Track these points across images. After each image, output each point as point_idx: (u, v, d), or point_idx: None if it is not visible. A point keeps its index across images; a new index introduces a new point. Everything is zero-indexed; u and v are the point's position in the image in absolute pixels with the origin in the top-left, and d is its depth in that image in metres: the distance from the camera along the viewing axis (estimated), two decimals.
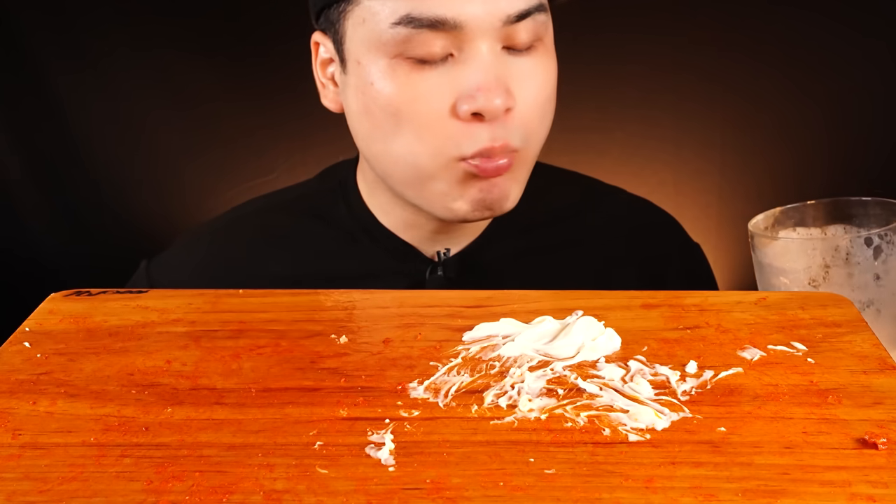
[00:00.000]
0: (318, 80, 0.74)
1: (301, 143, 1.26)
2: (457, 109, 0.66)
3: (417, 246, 0.78)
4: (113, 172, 1.30)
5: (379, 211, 0.78)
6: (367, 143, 0.71)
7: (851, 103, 1.23)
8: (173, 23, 1.23)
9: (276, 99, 1.27)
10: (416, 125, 0.67)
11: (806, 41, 1.22)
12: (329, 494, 0.39)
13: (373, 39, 0.66)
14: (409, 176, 0.70)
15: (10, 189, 1.27)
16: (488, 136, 0.66)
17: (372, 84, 0.67)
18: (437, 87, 0.66)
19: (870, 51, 1.20)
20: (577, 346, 0.51)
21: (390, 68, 0.66)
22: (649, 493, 0.39)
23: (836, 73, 1.22)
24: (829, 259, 0.62)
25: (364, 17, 0.66)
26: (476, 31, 0.64)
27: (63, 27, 1.21)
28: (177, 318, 0.56)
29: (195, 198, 1.30)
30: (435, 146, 0.67)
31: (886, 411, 0.45)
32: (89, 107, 1.26)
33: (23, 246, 1.29)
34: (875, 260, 0.61)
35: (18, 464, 0.42)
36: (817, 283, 0.62)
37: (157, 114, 1.28)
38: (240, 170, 1.29)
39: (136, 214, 1.31)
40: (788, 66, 1.22)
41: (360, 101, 0.69)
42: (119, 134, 1.28)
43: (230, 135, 1.29)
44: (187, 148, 1.30)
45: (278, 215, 0.82)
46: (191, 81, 1.27)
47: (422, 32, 0.64)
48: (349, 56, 0.68)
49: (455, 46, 0.65)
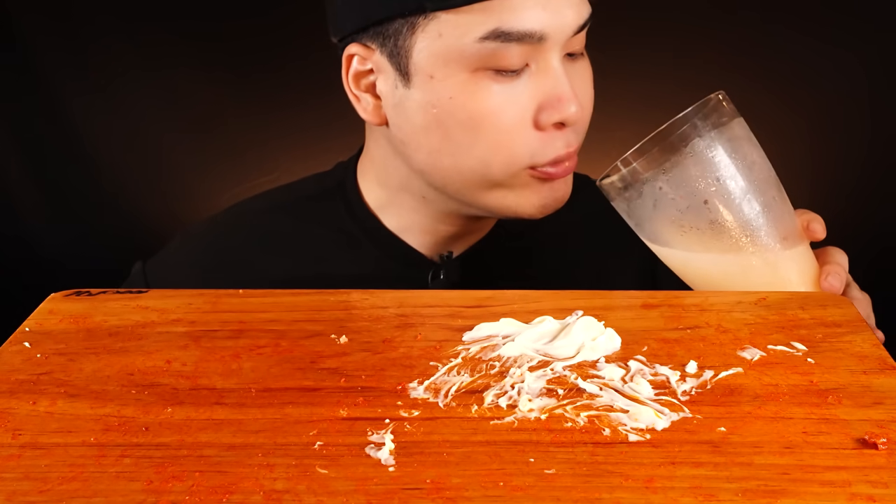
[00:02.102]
0: (351, 92, 0.72)
1: (301, 144, 1.26)
2: (539, 119, 0.67)
3: (420, 249, 0.78)
4: (114, 172, 1.30)
5: (382, 213, 0.78)
6: (435, 157, 0.70)
7: (832, 113, 1.25)
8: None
9: (276, 99, 1.27)
10: (495, 136, 0.67)
11: (795, 54, 1.24)
12: (329, 494, 0.39)
13: (452, 53, 0.65)
14: (476, 184, 0.70)
15: (10, 188, 1.28)
16: (563, 144, 0.68)
17: (451, 98, 0.66)
18: (518, 97, 0.66)
19: (842, 62, 1.24)
20: (577, 346, 0.51)
21: (472, 82, 0.66)
22: (649, 493, 0.39)
23: (824, 86, 1.24)
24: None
25: (441, 31, 0.65)
26: (554, 42, 0.66)
27: (70, 33, 1.22)
28: (177, 318, 0.56)
29: (196, 197, 1.30)
30: (510, 156, 0.68)
31: (886, 411, 0.45)
32: (90, 107, 1.27)
33: (23, 246, 1.29)
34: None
35: (18, 464, 0.42)
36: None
37: (157, 114, 1.28)
38: (240, 170, 1.29)
39: (136, 214, 1.31)
40: (780, 77, 1.24)
41: (429, 115, 0.68)
42: (120, 134, 1.29)
43: (231, 135, 1.29)
44: (188, 148, 1.30)
45: (276, 217, 0.81)
46: (192, 82, 1.27)
47: (508, 46, 0.64)
48: (416, 70, 0.67)
49: (531, 57, 0.66)
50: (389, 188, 0.76)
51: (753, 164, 0.62)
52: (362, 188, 0.79)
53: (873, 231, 1.27)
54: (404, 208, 0.76)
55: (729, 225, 0.61)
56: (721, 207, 0.61)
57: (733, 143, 0.61)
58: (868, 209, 1.28)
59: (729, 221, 0.61)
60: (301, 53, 0.82)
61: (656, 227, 0.63)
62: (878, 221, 1.29)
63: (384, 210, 0.78)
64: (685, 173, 0.61)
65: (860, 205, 1.27)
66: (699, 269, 0.64)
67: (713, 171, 0.61)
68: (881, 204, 1.29)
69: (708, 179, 0.61)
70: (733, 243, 0.62)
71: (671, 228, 0.63)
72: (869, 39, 1.23)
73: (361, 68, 0.70)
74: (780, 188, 0.63)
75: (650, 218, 0.63)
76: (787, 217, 0.63)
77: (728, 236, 0.61)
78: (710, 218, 0.61)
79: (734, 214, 0.61)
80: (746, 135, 0.63)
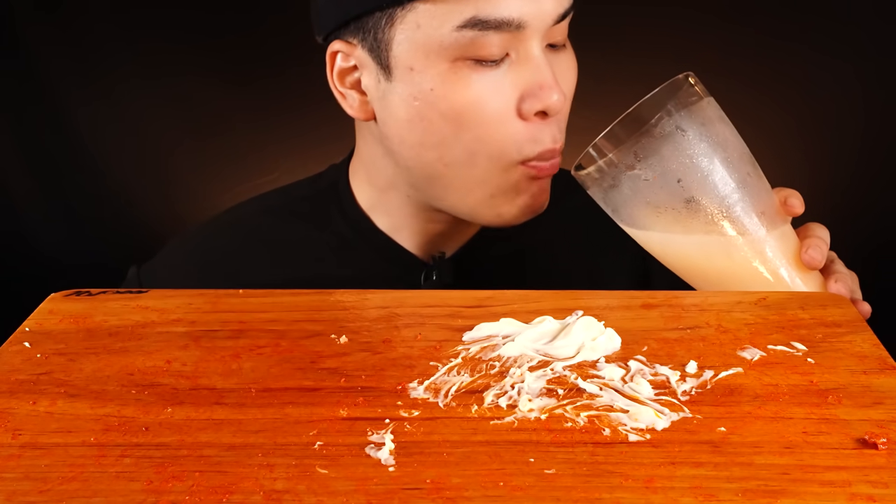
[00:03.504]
0: (336, 90, 0.72)
1: (301, 144, 1.26)
2: (521, 108, 0.67)
3: (411, 249, 0.78)
4: (114, 172, 1.30)
5: (375, 214, 0.78)
6: (418, 151, 0.69)
7: (825, 111, 1.26)
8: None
9: (276, 100, 1.27)
10: (479, 127, 0.67)
11: (787, 55, 1.25)
12: (329, 494, 0.39)
13: (431, 44, 0.65)
14: (461, 182, 0.70)
15: (10, 188, 1.28)
16: (550, 139, 0.68)
17: (431, 89, 0.66)
18: (500, 86, 0.66)
19: (839, 73, 1.25)
20: (577, 346, 0.51)
21: (451, 72, 0.66)
22: (649, 493, 0.39)
23: (816, 85, 1.25)
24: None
25: (419, 22, 0.65)
26: (534, 30, 0.65)
27: (74, 40, 1.23)
28: (177, 318, 0.56)
29: (196, 197, 1.31)
30: (497, 149, 0.68)
31: (886, 411, 0.45)
32: (93, 111, 1.27)
33: (23, 246, 1.29)
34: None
35: (18, 464, 0.42)
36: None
37: (157, 115, 1.28)
38: (241, 171, 1.29)
39: (136, 214, 1.31)
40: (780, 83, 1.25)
41: (412, 108, 0.67)
42: (120, 134, 1.29)
43: (231, 136, 1.30)
44: (188, 148, 1.30)
45: (270, 220, 0.82)
46: (193, 87, 1.28)
47: (487, 34, 0.64)
48: (397, 63, 0.67)
49: (512, 47, 0.66)
50: (378, 187, 0.77)
51: (726, 141, 0.62)
52: (354, 189, 0.79)
53: (871, 227, 1.27)
54: (393, 207, 0.76)
55: (704, 203, 0.61)
56: (695, 186, 0.61)
57: (703, 122, 0.61)
58: (865, 202, 1.28)
59: (704, 199, 0.61)
60: (300, 58, 0.82)
61: (633, 210, 0.63)
62: (874, 216, 1.29)
63: (375, 210, 0.78)
64: (657, 154, 0.61)
65: (856, 200, 1.27)
66: (678, 251, 0.64)
67: (685, 150, 0.61)
68: (878, 197, 1.29)
69: (680, 158, 0.61)
70: (709, 220, 0.61)
71: (647, 211, 0.62)
72: (860, 40, 1.24)
73: (345, 65, 0.70)
74: (755, 165, 0.63)
75: (626, 202, 0.63)
76: (764, 194, 0.63)
77: (704, 214, 0.61)
78: (685, 197, 0.61)
79: (708, 192, 0.61)
80: (717, 114, 0.63)
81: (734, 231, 0.62)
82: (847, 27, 1.24)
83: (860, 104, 1.27)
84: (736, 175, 0.61)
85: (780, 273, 0.63)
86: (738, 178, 0.61)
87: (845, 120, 1.27)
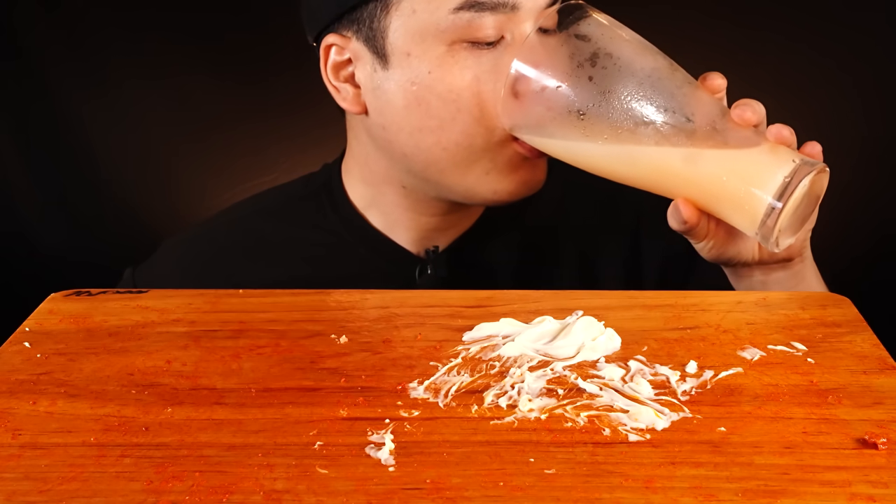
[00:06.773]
0: (330, 84, 0.72)
1: (301, 144, 1.26)
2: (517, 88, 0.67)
3: (405, 245, 0.78)
4: (114, 172, 1.30)
5: (368, 211, 0.78)
6: (416, 137, 0.70)
7: (823, 111, 1.26)
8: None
9: (276, 100, 1.27)
10: (477, 108, 0.67)
11: (787, 54, 1.25)
12: (329, 494, 0.39)
13: (428, 28, 0.66)
14: (458, 160, 0.70)
15: (10, 188, 1.28)
16: None
17: (430, 73, 0.67)
18: (497, 67, 0.67)
19: (839, 73, 1.25)
20: (577, 346, 0.51)
21: (449, 55, 0.67)
22: (649, 493, 0.39)
23: (815, 85, 1.25)
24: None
25: (415, 7, 0.66)
26: (528, 11, 0.66)
27: (75, 42, 1.23)
28: (177, 318, 0.56)
29: (196, 197, 1.30)
30: (493, 125, 0.68)
31: (886, 411, 0.45)
32: (93, 111, 1.27)
33: (23, 246, 1.29)
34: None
35: (18, 464, 0.42)
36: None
37: (157, 115, 1.28)
38: (240, 170, 1.29)
39: (136, 214, 1.31)
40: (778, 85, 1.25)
41: (409, 94, 0.68)
42: (120, 135, 1.29)
43: (231, 136, 1.30)
44: (188, 148, 1.30)
45: (264, 220, 0.82)
46: (193, 88, 1.28)
47: (482, 16, 0.65)
48: (393, 50, 0.68)
49: (507, 28, 0.67)
50: (371, 184, 0.77)
51: (629, 40, 0.63)
52: (347, 187, 0.79)
53: (870, 227, 1.27)
54: (386, 203, 0.77)
55: (621, 96, 0.60)
56: (607, 81, 0.61)
57: (599, 24, 0.63)
58: (865, 202, 1.28)
59: (618, 91, 0.60)
60: (299, 58, 0.83)
61: (559, 129, 0.63)
62: (874, 216, 1.29)
63: (368, 208, 0.78)
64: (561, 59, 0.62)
65: (856, 200, 1.27)
66: (624, 162, 0.63)
67: (587, 49, 0.62)
68: (878, 197, 1.29)
69: (583, 55, 0.62)
70: (633, 116, 0.60)
71: (570, 119, 0.62)
72: (860, 40, 1.24)
73: (339, 58, 0.71)
74: (671, 61, 0.63)
75: (550, 120, 0.63)
76: (686, 87, 0.62)
77: (624, 110, 0.60)
78: (600, 90, 0.61)
79: (622, 82, 0.61)
80: (611, 21, 0.64)
81: (663, 128, 0.60)
82: (847, 28, 1.24)
83: (860, 104, 1.27)
84: (650, 64, 0.62)
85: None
86: (652, 67, 0.62)
87: (845, 120, 1.27)
